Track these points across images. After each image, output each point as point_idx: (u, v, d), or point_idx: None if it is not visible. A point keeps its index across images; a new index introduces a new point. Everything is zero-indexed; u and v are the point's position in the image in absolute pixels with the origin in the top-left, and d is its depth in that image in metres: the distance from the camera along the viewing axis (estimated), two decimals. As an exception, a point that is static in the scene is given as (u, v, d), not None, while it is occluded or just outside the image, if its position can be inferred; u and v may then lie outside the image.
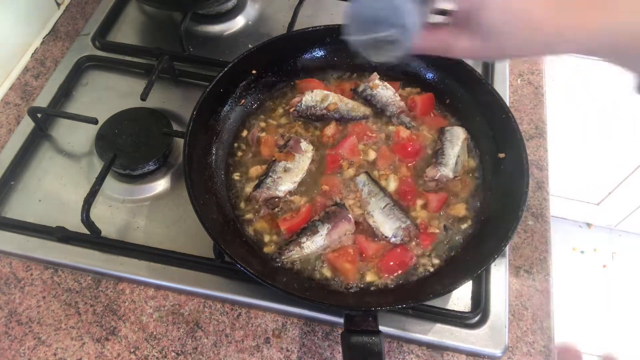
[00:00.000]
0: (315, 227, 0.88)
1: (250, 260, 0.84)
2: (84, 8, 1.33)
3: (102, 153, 1.00)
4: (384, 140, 1.02)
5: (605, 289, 2.59)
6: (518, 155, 0.90)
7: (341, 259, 0.87)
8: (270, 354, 0.87)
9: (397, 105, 1.04)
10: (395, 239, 0.89)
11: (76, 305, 0.91)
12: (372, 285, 0.86)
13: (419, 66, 1.09)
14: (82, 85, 1.17)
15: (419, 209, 0.94)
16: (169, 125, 1.05)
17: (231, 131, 1.03)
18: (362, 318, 0.76)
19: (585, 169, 2.26)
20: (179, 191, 1.01)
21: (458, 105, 1.05)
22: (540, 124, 1.16)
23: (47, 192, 1.01)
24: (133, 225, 0.97)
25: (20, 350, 0.86)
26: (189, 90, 1.16)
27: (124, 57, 1.20)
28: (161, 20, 1.30)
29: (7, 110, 1.14)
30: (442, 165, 0.95)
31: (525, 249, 0.99)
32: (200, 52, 1.21)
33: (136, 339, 0.88)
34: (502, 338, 0.87)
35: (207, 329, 0.89)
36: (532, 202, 1.05)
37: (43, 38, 1.27)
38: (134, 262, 0.93)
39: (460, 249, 0.90)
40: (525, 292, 0.94)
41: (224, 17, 1.29)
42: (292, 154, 0.95)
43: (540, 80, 1.23)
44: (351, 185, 0.95)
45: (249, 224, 0.92)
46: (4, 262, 0.95)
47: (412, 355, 0.88)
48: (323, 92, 1.04)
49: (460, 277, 0.80)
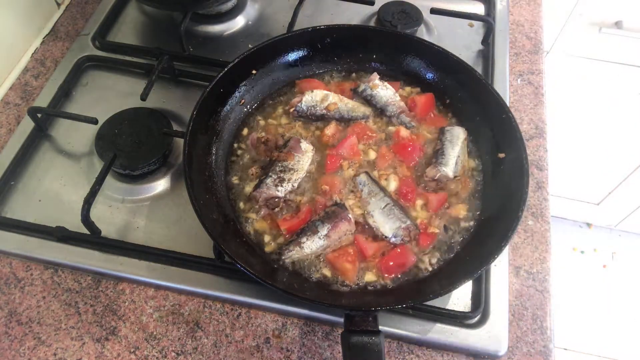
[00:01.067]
0: (315, 227, 0.88)
1: (250, 260, 0.84)
2: (84, 8, 1.33)
3: (102, 153, 1.00)
4: (384, 140, 1.02)
5: (605, 289, 2.59)
6: (518, 155, 0.90)
7: (341, 259, 0.87)
8: (270, 354, 0.87)
9: (397, 105, 1.04)
10: (395, 239, 0.89)
11: (76, 305, 0.91)
12: (372, 285, 0.86)
13: (419, 66, 1.09)
14: (82, 85, 1.17)
15: (419, 209, 0.94)
16: (169, 125, 1.05)
17: (231, 131, 1.03)
18: (362, 318, 0.76)
19: (585, 169, 2.26)
20: (179, 191, 1.01)
21: (458, 105, 1.05)
22: (540, 124, 1.16)
23: (47, 192, 1.01)
24: (133, 225, 0.97)
25: (20, 350, 0.86)
26: (189, 90, 1.16)
27: (124, 57, 1.20)
28: (161, 20, 1.30)
29: (7, 110, 1.14)
30: (442, 165, 0.95)
31: (525, 249, 0.99)
32: (200, 52, 1.21)
33: (136, 339, 0.88)
34: (502, 338, 0.87)
35: (207, 329, 0.89)
36: (532, 202, 1.05)
37: (43, 38, 1.27)
38: (134, 262, 0.93)
39: (460, 249, 0.90)
40: (525, 292, 0.94)
41: (224, 17, 1.29)
42: (292, 154, 0.95)
43: (540, 80, 1.23)
44: (351, 185, 0.95)
45: (249, 224, 0.92)
46: (4, 262, 0.95)
47: (412, 355, 0.88)
48: (323, 92, 1.04)
49: (460, 277, 0.80)
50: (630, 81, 1.83)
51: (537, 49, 1.29)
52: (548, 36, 1.73)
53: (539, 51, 1.29)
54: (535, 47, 1.29)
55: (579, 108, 1.99)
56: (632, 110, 1.93)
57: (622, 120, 1.98)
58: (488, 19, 1.25)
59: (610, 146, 2.10)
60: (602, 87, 1.88)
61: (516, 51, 1.28)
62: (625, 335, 2.46)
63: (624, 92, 1.88)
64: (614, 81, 1.85)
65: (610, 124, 2.02)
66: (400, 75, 1.10)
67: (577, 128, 2.07)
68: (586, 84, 1.89)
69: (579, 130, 2.08)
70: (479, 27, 1.30)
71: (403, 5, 1.27)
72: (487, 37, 1.24)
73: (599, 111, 1.98)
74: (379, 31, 1.15)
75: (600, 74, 1.84)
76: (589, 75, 1.85)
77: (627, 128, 2.01)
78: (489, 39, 1.25)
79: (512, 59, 1.26)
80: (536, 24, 1.34)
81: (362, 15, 1.31)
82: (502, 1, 1.34)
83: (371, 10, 1.30)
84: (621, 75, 1.82)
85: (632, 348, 2.43)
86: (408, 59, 1.09)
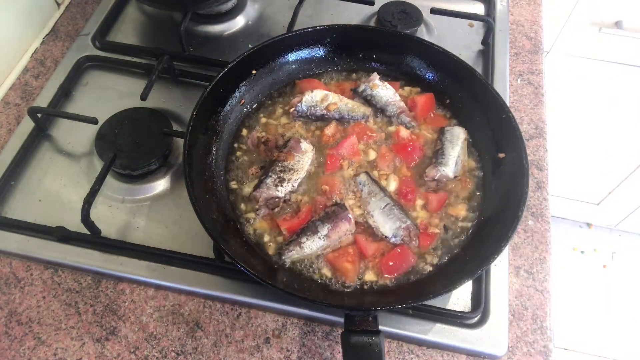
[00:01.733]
0: (315, 227, 0.88)
1: (250, 260, 0.84)
2: (84, 8, 1.33)
3: (102, 153, 1.00)
4: (384, 140, 1.02)
5: (605, 289, 2.59)
6: (518, 155, 0.90)
7: (341, 259, 0.87)
8: (270, 354, 0.87)
9: (397, 105, 1.04)
10: (395, 239, 0.89)
11: (76, 305, 0.91)
12: (372, 285, 0.86)
13: (419, 66, 1.09)
14: (82, 85, 1.17)
15: (419, 209, 0.94)
16: (169, 125, 1.05)
17: (231, 131, 1.03)
18: (362, 318, 0.76)
19: (585, 169, 2.26)
20: (179, 191, 1.01)
21: (458, 105, 1.05)
22: (540, 124, 1.16)
23: (47, 192, 1.01)
24: (133, 225, 0.97)
25: (20, 350, 0.86)
26: (189, 90, 1.16)
27: (124, 57, 1.20)
28: (161, 20, 1.30)
29: (7, 110, 1.14)
30: (442, 165, 0.95)
31: (525, 249, 0.99)
32: (200, 52, 1.21)
33: (136, 339, 0.88)
34: (502, 338, 0.87)
35: (207, 329, 0.89)
36: (532, 202, 1.05)
37: (43, 38, 1.27)
38: (134, 262, 0.93)
39: (460, 249, 0.90)
40: (525, 292, 0.94)
41: (224, 17, 1.29)
42: (292, 154, 0.95)
43: (540, 80, 1.23)
44: (351, 185, 0.95)
45: (249, 224, 0.92)
46: (4, 262, 0.95)
47: (412, 355, 0.88)
48: (323, 92, 1.04)
49: (460, 277, 0.80)
50: (630, 81, 1.83)
51: (537, 49, 1.29)
52: (548, 36, 1.73)
53: (539, 51, 1.29)
54: (535, 47, 1.29)
55: (579, 108, 1.99)
56: (632, 110, 1.93)
57: (622, 120, 1.98)
58: (488, 19, 1.25)
59: (610, 146, 2.10)
60: (602, 87, 1.88)
61: (516, 51, 1.28)
62: (625, 335, 2.46)
63: (624, 92, 1.88)
64: (614, 81, 1.85)
65: (610, 124, 2.02)
66: (400, 75, 1.10)
67: (577, 128, 2.07)
68: (586, 84, 1.89)
69: (579, 130, 2.08)
70: (479, 27, 1.30)
71: (403, 5, 1.27)
72: (487, 37, 1.24)
73: (599, 111, 1.98)
74: (379, 31, 1.15)
75: (600, 74, 1.84)
76: (589, 75, 1.85)
77: (627, 128, 2.01)
78: (489, 39, 1.25)
79: (512, 59, 1.26)
80: (536, 24, 1.34)
81: (362, 15, 1.31)
82: (502, 1, 1.34)
83: (371, 10, 1.30)
84: (621, 75, 1.82)
85: (632, 348, 2.43)
86: (408, 59, 1.09)
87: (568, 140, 2.13)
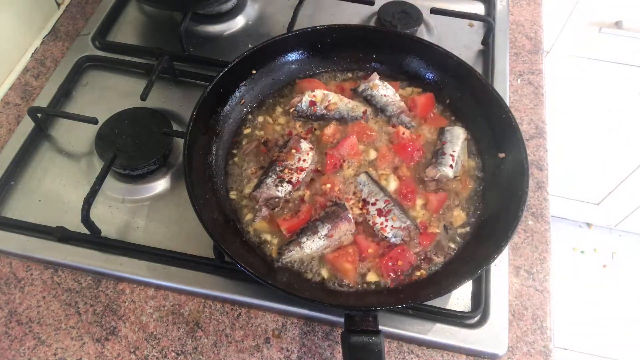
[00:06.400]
0: (315, 227, 0.88)
1: (250, 260, 0.84)
2: (84, 8, 1.33)
3: (102, 153, 1.00)
4: (384, 140, 1.02)
5: (605, 289, 2.59)
6: (518, 155, 0.90)
7: (341, 259, 0.87)
8: (270, 354, 0.87)
9: (397, 105, 1.04)
10: (395, 239, 0.89)
11: (76, 305, 0.91)
12: (372, 285, 0.86)
13: (419, 66, 1.09)
14: (82, 85, 1.17)
15: (419, 209, 0.94)
16: (169, 125, 1.05)
17: (231, 131, 1.03)
18: (362, 318, 0.76)
19: (585, 169, 2.26)
20: (179, 191, 1.01)
21: (458, 105, 1.05)
22: (540, 124, 1.16)
23: (47, 192, 1.01)
24: (133, 225, 0.97)
25: (20, 350, 0.86)
26: (189, 90, 1.16)
27: (124, 57, 1.20)
28: (161, 20, 1.30)
29: (7, 110, 1.14)
30: (442, 165, 0.95)
31: (525, 249, 0.99)
32: (200, 52, 1.21)
33: (136, 339, 0.88)
34: (502, 338, 0.87)
35: (207, 329, 0.89)
36: (532, 202, 1.05)
37: (43, 38, 1.27)
38: (134, 262, 0.93)
39: (460, 249, 0.90)
40: (525, 292, 0.94)
41: (224, 17, 1.29)
42: (292, 154, 0.95)
43: (540, 80, 1.23)
44: (351, 185, 0.95)
45: (249, 224, 0.92)
46: (4, 262, 0.95)
47: (412, 355, 0.88)
48: (323, 92, 1.04)
49: (460, 277, 0.80)
50: (630, 81, 1.83)
51: (537, 49, 1.29)
52: (548, 36, 1.73)
53: (539, 51, 1.29)
54: (535, 47, 1.29)
55: (579, 108, 1.99)
56: (632, 110, 1.93)
57: (622, 120, 1.98)
58: (488, 19, 1.25)
59: (610, 146, 2.10)
60: (602, 87, 1.88)
61: (516, 51, 1.28)
62: (625, 335, 2.46)
63: (624, 92, 1.88)
64: (614, 81, 1.85)
65: (610, 124, 2.02)
66: (400, 75, 1.10)
67: (577, 128, 2.07)
68: (586, 84, 1.89)
69: (579, 130, 2.08)
70: (479, 27, 1.30)
71: (403, 5, 1.27)
72: (487, 37, 1.24)
73: (599, 111, 1.98)
74: (379, 31, 1.15)
75: (600, 74, 1.84)
76: (589, 75, 1.85)
77: (627, 128, 2.01)
78: (489, 39, 1.25)
79: (512, 59, 1.26)
80: (536, 24, 1.34)
81: (362, 15, 1.31)
82: (502, 1, 1.34)
83: (371, 10, 1.30)
84: (621, 75, 1.82)
85: (632, 348, 2.43)
86: (408, 59, 1.09)
87: (568, 140, 2.13)
